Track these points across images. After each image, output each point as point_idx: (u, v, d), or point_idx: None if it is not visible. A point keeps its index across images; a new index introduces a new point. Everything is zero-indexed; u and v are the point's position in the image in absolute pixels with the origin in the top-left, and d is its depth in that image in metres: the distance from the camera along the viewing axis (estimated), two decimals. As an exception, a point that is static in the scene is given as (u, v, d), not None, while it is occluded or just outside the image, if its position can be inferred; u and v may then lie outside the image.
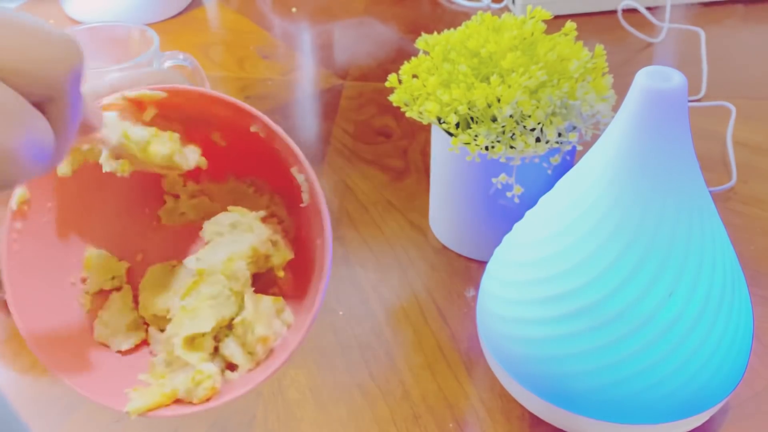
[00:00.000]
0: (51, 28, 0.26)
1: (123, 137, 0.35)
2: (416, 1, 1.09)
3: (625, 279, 0.45)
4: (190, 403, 0.37)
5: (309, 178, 0.37)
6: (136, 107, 0.38)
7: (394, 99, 0.59)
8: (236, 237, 0.40)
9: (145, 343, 0.41)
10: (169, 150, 0.37)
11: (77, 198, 0.40)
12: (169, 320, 0.39)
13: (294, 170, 0.38)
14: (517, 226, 0.53)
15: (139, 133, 0.36)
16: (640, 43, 0.97)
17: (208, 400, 0.38)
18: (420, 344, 0.59)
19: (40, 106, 0.26)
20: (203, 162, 0.39)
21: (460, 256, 0.67)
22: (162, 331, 0.40)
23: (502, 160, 0.57)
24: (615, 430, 0.49)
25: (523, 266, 0.50)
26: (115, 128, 0.35)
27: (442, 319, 0.61)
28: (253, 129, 0.39)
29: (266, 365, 0.39)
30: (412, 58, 0.60)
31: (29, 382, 0.57)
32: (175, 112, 0.39)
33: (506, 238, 0.54)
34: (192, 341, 0.39)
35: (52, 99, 0.26)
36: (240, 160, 0.42)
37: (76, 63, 0.27)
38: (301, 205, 0.38)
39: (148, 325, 0.42)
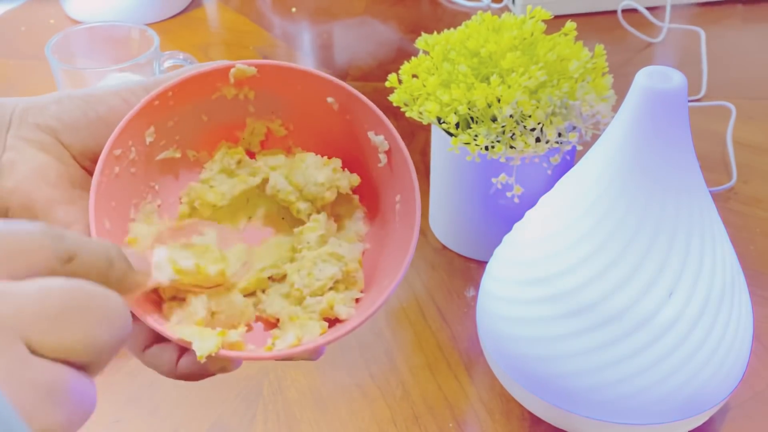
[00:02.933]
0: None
1: (175, 273, 0.35)
2: (416, 1, 1.09)
3: (625, 279, 0.45)
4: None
5: (392, 135, 0.40)
6: (211, 84, 0.39)
7: (394, 99, 0.59)
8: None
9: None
10: (219, 267, 0.37)
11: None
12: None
13: (371, 134, 0.40)
14: (517, 226, 0.53)
15: (186, 262, 0.36)
16: (640, 43, 0.97)
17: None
18: (420, 344, 0.59)
19: None
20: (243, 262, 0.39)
21: (460, 256, 0.67)
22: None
23: (502, 160, 0.57)
24: (615, 430, 0.49)
25: (524, 266, 0.50)
26: (164, 268, 0.35)
27: (442, 319, 0.61)
28: (329, 100, 0.40)
29: (370, 300, 0.40)
30: (412, 58, 0.60)
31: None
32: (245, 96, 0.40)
33: (506, 238, 0.54)
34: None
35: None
36: (298, 144, 0.43)
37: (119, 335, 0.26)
38: (379, 165, 0.41)
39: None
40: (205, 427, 0.54)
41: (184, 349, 0.37)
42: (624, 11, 0.98)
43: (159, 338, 0.37)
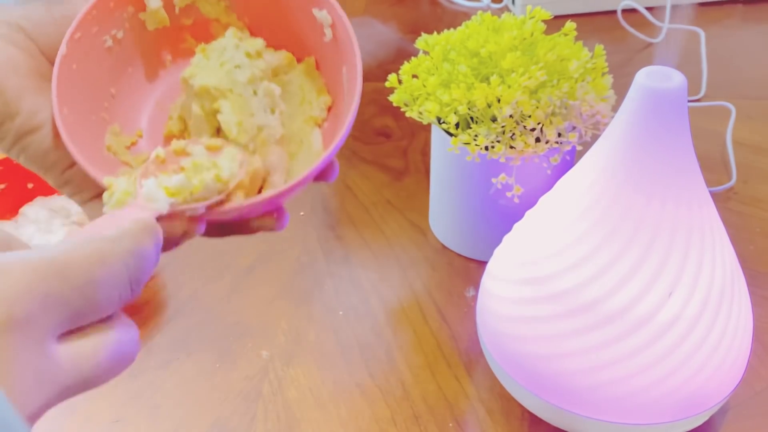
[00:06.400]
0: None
1: (169, 196, 0.34)
2: (416, 1, 1.09)
3: (625, 278, 0.45)
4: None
5: (333, 7, 0.40)
6: None
7: (394, 99, 0.59)
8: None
9: None
10: (213, 173, 0.36)
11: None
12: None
13: (315, 11, 0.41)
14: (517, 226, 0.53)
15: (176, 179, 0.35)
16: (640, 43, 0.97)
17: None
18: (420, 344, 0.59)
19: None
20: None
21: (460, 256, 0.67)
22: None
23: (502, 160, 0.57)
24: (615, 430, 0.49)
25: (524, 265, 0.50)
26: (157, 195, 0.34)
27: (442, 319, 0.61)
28: None
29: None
30: (412, 58, 0.60)
31: (29, 382, 0.57)
32: None
33: (506, 238, 0.54)
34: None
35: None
36: (245, 25, 0.44)
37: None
38: (325, 40, 0.41)
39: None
40: (205, 427, 0.54)
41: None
42: (624, 11, 0.98)
43: None
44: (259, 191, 0.39)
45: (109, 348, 0.28)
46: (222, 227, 0.39)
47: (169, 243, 0.36)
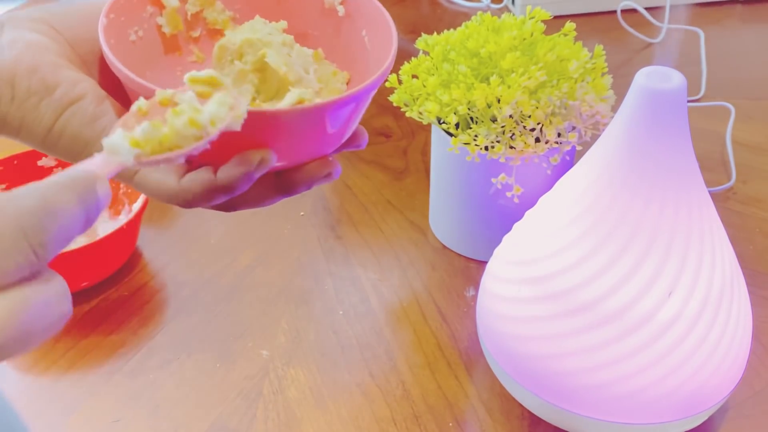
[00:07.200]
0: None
1: (133, 146, 0.32)
2: (416, 1, 1.10)
3: (625, 278, 0.45)
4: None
5: None
6: None
7: (394, 99, 0.60)
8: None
9: None
10: (187, 117, 0.33)
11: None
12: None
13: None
14: (517, 226, 0.54)
15: (141, 127, 0.32)
16: (640, 44, 0.97)
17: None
18: (420, 344, 0.59)
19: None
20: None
21: (460, 256, 0.67)
22: None
23: (502, 160, 0.57)
24: (614, 430, 0.49)
25: (524, 265, 0.50)
26: (120, 146, 0.32)
27: (442, 319, 0.61)
28: None
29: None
30: (412, 59, 0.60)
31: (29, 383, 0.57)
32: None
33: (506, 237, 0.54)
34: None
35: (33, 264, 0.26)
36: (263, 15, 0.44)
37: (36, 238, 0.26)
38: (339, 15, 0.43)
39: None
40: (205, 427, 0.54)
41: (187, 170, 0.37)
42: (623, 11, 0.98)
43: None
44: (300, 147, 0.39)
45: (11, 309, 0.25)
46: (279, 182, 0.38)
47: (231, 188, 0.35)
